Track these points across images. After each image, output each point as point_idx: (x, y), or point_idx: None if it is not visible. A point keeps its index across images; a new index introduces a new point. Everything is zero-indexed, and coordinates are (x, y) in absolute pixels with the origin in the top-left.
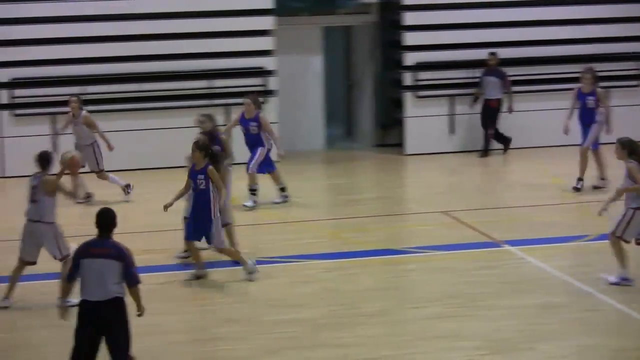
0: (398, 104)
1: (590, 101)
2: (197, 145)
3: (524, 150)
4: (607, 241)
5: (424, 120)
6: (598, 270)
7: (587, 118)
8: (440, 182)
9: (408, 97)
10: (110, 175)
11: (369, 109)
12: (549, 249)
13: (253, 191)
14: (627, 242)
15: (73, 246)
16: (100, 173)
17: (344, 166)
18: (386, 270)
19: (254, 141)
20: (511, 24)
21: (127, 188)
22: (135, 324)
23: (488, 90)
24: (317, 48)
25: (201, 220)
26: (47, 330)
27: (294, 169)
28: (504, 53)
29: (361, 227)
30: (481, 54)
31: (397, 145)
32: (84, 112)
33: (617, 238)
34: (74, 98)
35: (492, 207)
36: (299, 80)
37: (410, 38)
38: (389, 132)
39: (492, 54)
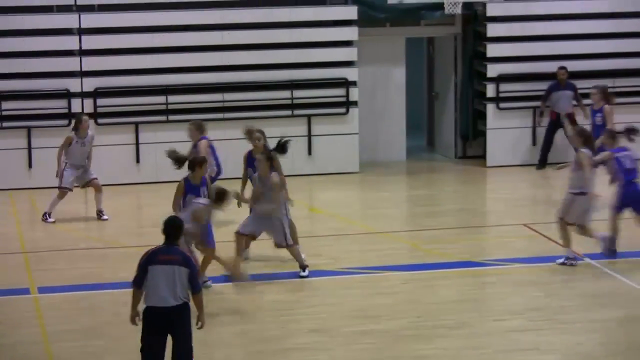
0: (480, 116)
1: (599, 118)
2: (199, 161)
3: None
4: None
5: (507, 132)
6: None
7: (595, 134)
8: (522, 194)
9: (490, 109)
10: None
11: (451, 121)
12: (629, 262)
13: None
14: (569, 224)
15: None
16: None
17: (425, 177)
18: (466, 283)
19: None
20: (595, 36)
21: (45, 215)
22: (217, 333)
23: (563, 103)
24: (399, 59)
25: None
26: None
27: (374, 179)
28: (585, 65)
29: (441, 239)
30: (566, 65)
31: (480, 157)
32: (92, 132)
33: (560, 219)
34: (86, 117)
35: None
36: (381, 91)
37: (493, 50)
38: (471, 144)
39: (563, 67)
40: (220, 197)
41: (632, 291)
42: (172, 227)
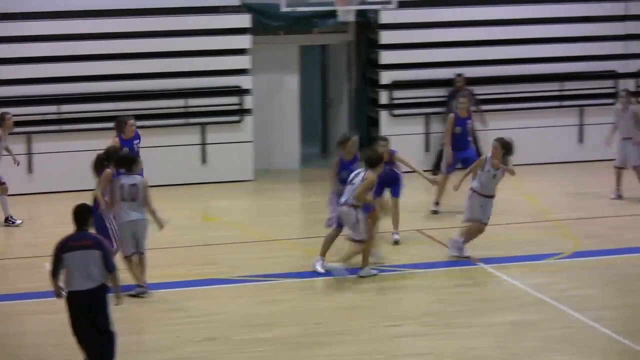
0: (374, 123)
1: (469, 125)
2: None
3: None
4: (581, 259)
5: (400, 138)
6: (571, 288)
7: (463, 142)
8: (416, 200)
9: (384, 116)
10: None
11: (345, 128)
12: (523, 266)
13: None
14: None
15: None
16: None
17: (320, 185)
18: (361, 289)
19: None
20: (487, 43)
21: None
22: None
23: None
24: (293, 67)
25: None
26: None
27: (269, 187)
28: (479, 72)
29: (336, 246)
30: (456, 72)
31: None
32: None
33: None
34: (9, 115)
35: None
36: (275, 99)
37: (386, 57)
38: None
39: (459, 75)
40: (376, 162)
41: (525, 295)
42: (80, 214)
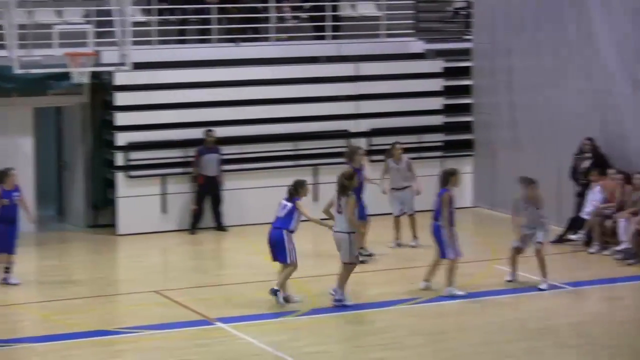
0: (111, 184)
1: None
2: None
3: (238, 228)
4: (319, 315)
5: (137, 200)
6: (308, 344)
7: None
8: (153, 261)
9: (120, 177)
10: None
11: (81, 190)
12: (260, 325)
13: None
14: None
15: None
16: None
17: (56, 247)
18: (98, 352)
19: None
20: (222, 104)
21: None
22: None
23: (210, 167)
24: (27, 129)
25: None
26: None
27: None
28: (217, 132)
29: (73, 309)
30: (193, 133)
31: (111, 225)
32: None
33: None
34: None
35: (206, 285)
36: (8, 162)
37: (121, 118)
38: (102, 213)
39: (210, 131)
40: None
41: (263, 354)
42: None
